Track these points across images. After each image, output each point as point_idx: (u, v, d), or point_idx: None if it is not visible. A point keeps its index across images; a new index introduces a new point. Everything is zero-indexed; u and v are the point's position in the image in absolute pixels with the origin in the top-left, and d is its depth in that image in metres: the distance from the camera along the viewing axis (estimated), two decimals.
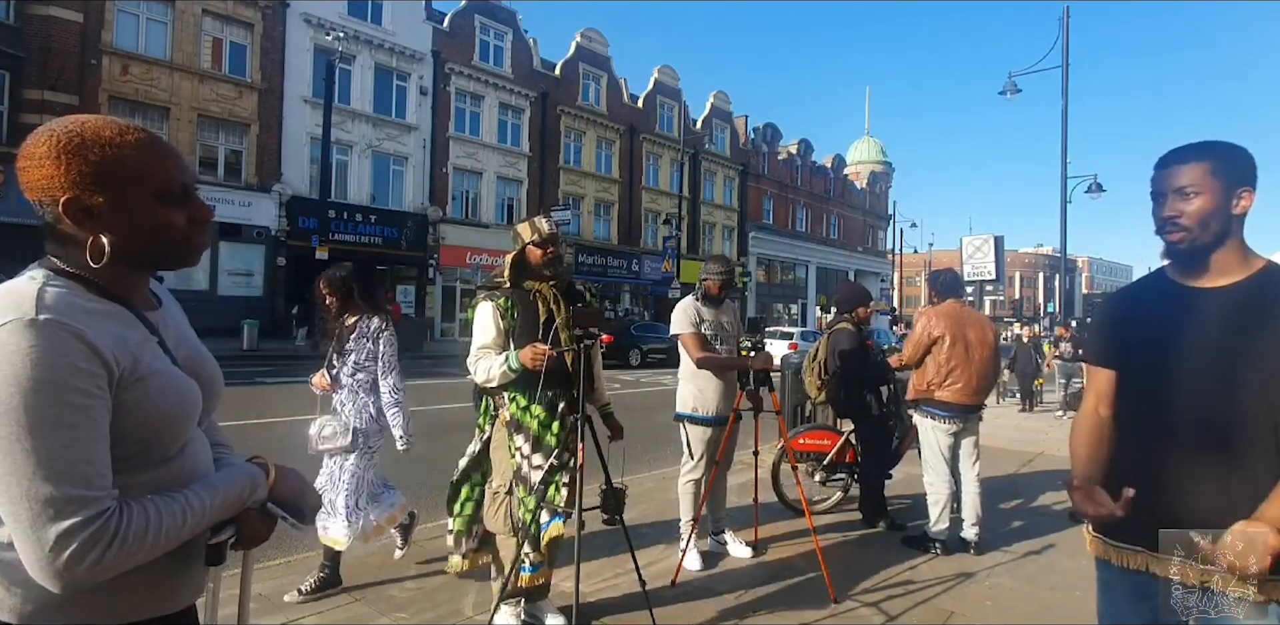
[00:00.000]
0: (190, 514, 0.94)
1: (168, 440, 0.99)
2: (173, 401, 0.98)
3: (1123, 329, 1.57)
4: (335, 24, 20.09)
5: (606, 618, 2.90)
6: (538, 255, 2.68)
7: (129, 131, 0.95)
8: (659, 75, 31.83)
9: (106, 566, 0.84)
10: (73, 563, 0.81)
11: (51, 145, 0.91)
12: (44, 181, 0.91)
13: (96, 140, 0.92)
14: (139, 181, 0.95)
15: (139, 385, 0.92)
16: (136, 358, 0.93)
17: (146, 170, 0.95)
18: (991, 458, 6.82)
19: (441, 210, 23.12)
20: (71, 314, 0.87)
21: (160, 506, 0.91)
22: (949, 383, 3.94)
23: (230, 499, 1.01)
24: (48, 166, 0.91)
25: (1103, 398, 1.60)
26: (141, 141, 0.96)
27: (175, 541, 0.93)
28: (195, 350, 1.13)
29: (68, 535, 0.81)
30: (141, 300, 1.05)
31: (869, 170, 51.39)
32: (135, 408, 0.92)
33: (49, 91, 15.45)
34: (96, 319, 0.91)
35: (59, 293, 0.90)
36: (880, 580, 3.47)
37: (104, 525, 0.83)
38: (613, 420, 3.01)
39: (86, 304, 0.92)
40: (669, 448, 6.40)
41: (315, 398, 3.35)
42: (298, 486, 1.15)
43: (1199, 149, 1.42)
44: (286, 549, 3.64)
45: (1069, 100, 13.29)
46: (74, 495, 0.82)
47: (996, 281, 17.39)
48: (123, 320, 0.97)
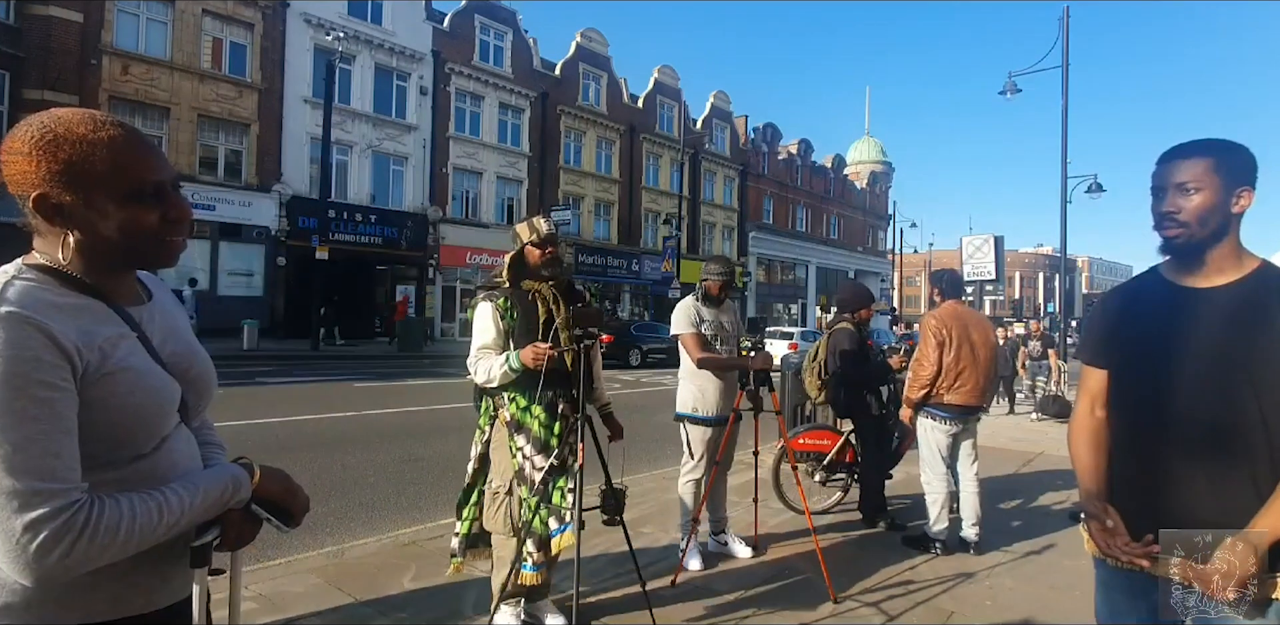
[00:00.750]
0: (166, 511, 0.92)
1: (140, 438, 0.97)
2: (141, 399, 0.96)
3: (1117, 329, 1.57)
4: (335, 24, 20.08)
5: (606, 618, 2.90)
6: (536, 255, 2.68)
7: (104, 127, 0.94)
8: (659, 75, 31.84)
9: (77, 559, 0.83)
10: (41, 554, 0.81)
11: (26, 140, 0.91)
12: (19, 177, 0.92)
13: (69, 137, 0.92)
14: (109, 180, 0.94)
15: (106, 381, 0.92)
16: (105, 353, 0.93)
17: (118, 168, 0.94)
18: (991, 458, 6.83)
19: (441, 210, 23.12)
20: (36, 307, 0.87)
21: (135, 503, 0.90)
22: (958, 385, 3.92)
23: (210, 499, 0.99)
24: (22, 162, 0.91)
25: (1097, 399, 1.60)
26: (115, 138, 0.94)
27: (152, 539, 0.91)
28: (186, 346, 1.12)
29: (33, 527, 0.81)
30: (124, 295, 1.04)
31: (869, 170, 51.40)
32: (101, 404, 0.91)
33: (49, 91, 15.44)
34: (65, 313, 0.91)
35: (26, 286, 0.90)
36: (880, 580, 3.47)
37: (72, 518, 0.83)
38: (613, 420, 3.01)
39: (56, 299, 0.92)
40: (669, 448, 6.40)
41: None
42: (284, 488, 1.12)
43: (1202, 146, 1.42)
44: (286, 549, 3.64)
45: (1069, 100, 13.28)
46: (39, 488, 0.82)
47: (996, 281, 17.39)
48: (95, 315, 0.96)
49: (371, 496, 4.92)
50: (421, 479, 5.40)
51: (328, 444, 6.51)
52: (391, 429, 7.45)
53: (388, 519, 4.41)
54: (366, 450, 6.34)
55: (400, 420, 8.06)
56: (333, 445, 6.47)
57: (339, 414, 8.16)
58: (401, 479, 5.43)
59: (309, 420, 7.59)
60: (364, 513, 4.54)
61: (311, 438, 6.71)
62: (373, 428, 7.47)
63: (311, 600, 2.98)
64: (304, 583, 3.17)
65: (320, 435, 6.88)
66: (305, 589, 3.10)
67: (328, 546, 3.71)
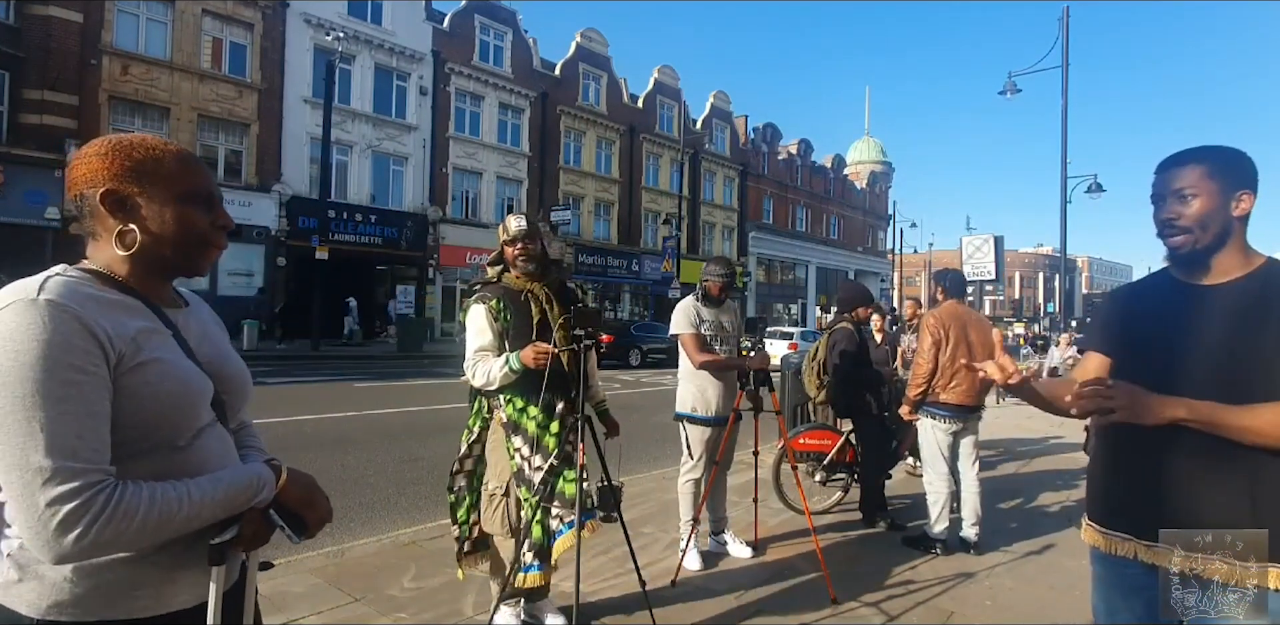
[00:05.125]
0: (188, 503, 0.94)
1: (173, 427, 1.00)
2: (172, 388, 0.99)
3: (1122, 322, 1.59)
4: (335, 24, 20.08)
5: (606, 618, 2.91)
6: (510, 254, 2.72)
7: (170, 144, 1.09)
8: (659, 75, 31.83)
9: (96, 541, 0.86)
10: (61, 532, 0.84)
11: (101, 145, 1.04)
12: (88, 175, 1.02)
13: (141, 145, 1.05)
14: (172, 181, 1.05)
15: (138, 370, 0.96)
16: (139, 344, 0.97)
17: (181, 172, 1.07)
18: (992, 458, 6.83)
19: (441, 210, 23.13)
20: (72, 297, 0.92)
21: (157, 490, 0.92)
22: (954, 384, 3.93)
23: (233, 495, 1.01)
24: (95, 161, 1.02)
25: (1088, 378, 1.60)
26: (180, 151, 1.09)
27: (172, 529, 0.93)
28: (219, 351, 1.17)
29: (53, 503, 0.84)
30: (162, 299, 1.10)
31: (869, 170, 51.41)
32: (134, 392, 0.95)
33: (49, 91, 15.45)
34: (101, 305, 0.96)
35: (66, 281, 0.95)
36: (880, 580, 3.47)
37: (91, 498, 0.86)
38: (608, 418, 3.01)
39: (95, 293, 0.97)
40: (669, 448, 6.40)
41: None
42: (306, 495, 1.13)
43: (1197, 153, 1.44)
44: (286, 549, 3.64)
45: (1069, 100, 13.28)
46: (61, 466, 0.85)
47: (996, 281, 17.42)
48: (133, 311, 1.01)
49: (371, 496, 4.92)
50: (421, 479, 5.40)
51: (328, 444, 6.51)
52: (391, 429, 7.45)
53: (388, 519, 4.42)
54: (366, 450, 6.34)
55: (400, 420, 8.06)
56: (333, 445, 6.47)
57: (339, 414, 8.16)
58: (401, 479, 5.43)
59: (309, 420, 7.58)
60: (364, 513, 4.55)
61: (311, 438, 6.71)
62: (373, 428, 7.48)
63: (311, 600, 2.98)
64: (304, 583, 3.17)
65: (320, 435, 6.88)
66: (305, 589, 3.10)
67: (328, 546, 3.71)
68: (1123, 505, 1.49)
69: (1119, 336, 1.58)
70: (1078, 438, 8.47)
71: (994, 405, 10.79)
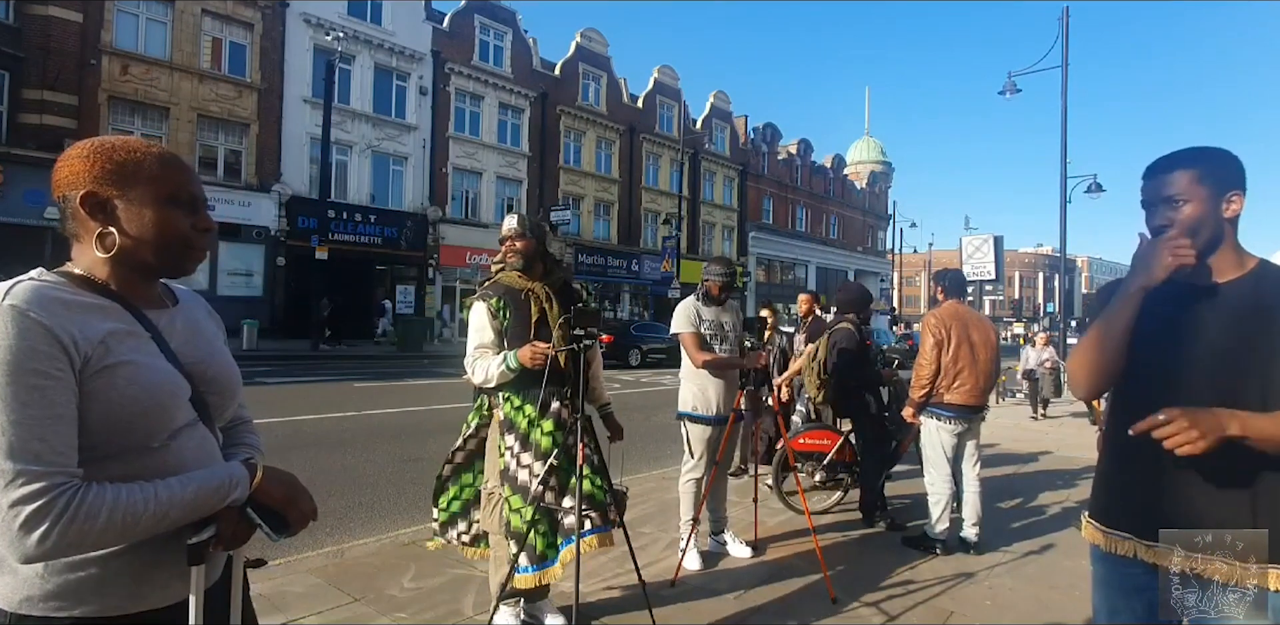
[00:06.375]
0: (154, 503, 0.94)
1: (141, 430, 0.99)
2: (139, 391, 0.98)
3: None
4: (335, 24, 20.08)
5: (606, 618, 2.91)
6: (503, 252, 2.78)
7: (153, 146, 1.09)
8: (659, 75, 31.83)
9: (60, 542, 0.87)
10: (24, 533, 0.85)
11: (84, 147, 1.04)
12: (71, 177, 1.02)
13: (123, 147, 1.05)
14: (153, 183, 1.05)
15: (106, 373, 0.96)
16: (108, 347, 0.97)
17: (162, 174, 1.06)
18: (992, 458, 6.83)
19: (441, 210, 23.12)
20: (37, 302, 0.92)
21: (122, 491, 0.92)
22: (957, 385, 3.93)
23: (204, 495, 1.00)
24: (77, 163, 1.02)
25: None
26: (163, 153, 1.08)
27: (141, 529, 0.93)
28: (207, 350, 1.16)
29: (16, 505, 0.85)
30: (145, 300, 1.09)
31: (869, 170, 51.41)
32: (102, 395, 0.95)
33: (48, 91, 15.45)
34: (71, 309, 0.96)
35: (36, 285, 0.95)
36: (880, 580, 3.47)
37: (53, 499, 0.86)
38: (612, 420, 3.01)
39: (66, 296, 0.97)
40: (669, 447, 6.40)
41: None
42: (287, 493, 1.10)
43: (1184, 157, 1.43)
44: (286, 549, 3.64)
45: (1069, 100, 13.28)
46: (24, 469, 0.86)
47: (996, 281, 17.39)
48: (107, 313, 1.01)
49: (371, 496, 4.92)
50: (421, 479, 5.39)
51: (328, 444, 6.51)
52: (391, 429, 7.45)
53: (388, 519, 4.42)
54: (366, 450, 6.34)
55: (400, 420, 8.06)
56: (333, 445, 6.47)
57: (339, 414, 8.16)
58: (401, 479, 5.43)
59: (309, 420, 7.58)
60: (364, 513, 4.55)
61: (311, 438, 6.71)
62: (373, 428, 7.47)
63: (311, 600, 2.98)
64: (304, 583, 3.17)
65: (320, 435, 6.88)
66: (305, 589, 3.10)
67: (328, 546, 3.72)
68: (1124, 503, 1.49)
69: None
70: (1078, 438, 8.48)
71: (994, 405, 10.79)
